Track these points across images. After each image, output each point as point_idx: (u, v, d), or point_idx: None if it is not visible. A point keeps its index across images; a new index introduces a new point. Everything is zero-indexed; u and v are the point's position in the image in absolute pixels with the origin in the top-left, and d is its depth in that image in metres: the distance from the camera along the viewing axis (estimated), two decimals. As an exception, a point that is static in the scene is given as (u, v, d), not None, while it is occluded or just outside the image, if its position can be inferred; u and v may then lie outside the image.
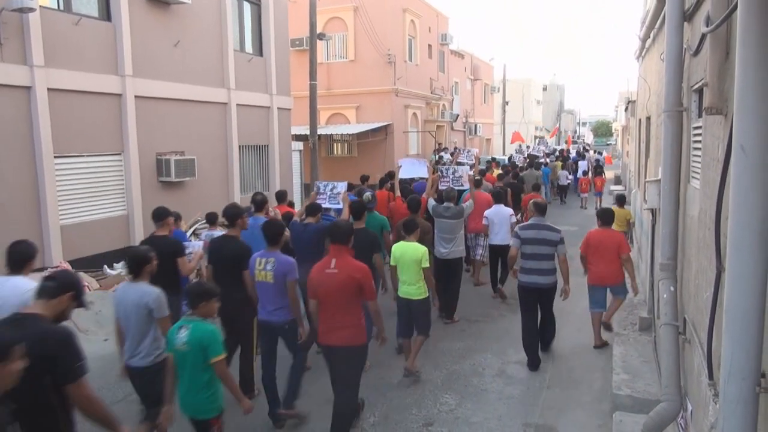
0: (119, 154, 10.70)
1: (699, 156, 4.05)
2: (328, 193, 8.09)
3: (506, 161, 21.77)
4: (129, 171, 10.76)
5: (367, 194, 8.62)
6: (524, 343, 6.72)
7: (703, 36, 3.42)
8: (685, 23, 4.33)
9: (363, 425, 5.30)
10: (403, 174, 12.05)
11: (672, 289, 4.36)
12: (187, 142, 12.18)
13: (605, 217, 7.22)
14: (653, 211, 6.36)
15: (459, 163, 13.00)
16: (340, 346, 4.70)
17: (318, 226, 6.64)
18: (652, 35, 8.01)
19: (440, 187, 9.52)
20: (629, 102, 19.99)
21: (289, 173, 16.26)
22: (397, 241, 6.66)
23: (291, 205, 10.01)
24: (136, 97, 10.78)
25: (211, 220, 8.19)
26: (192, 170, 11.85)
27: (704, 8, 3.48)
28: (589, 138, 39.41)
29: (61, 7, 9.67)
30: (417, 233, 6.33)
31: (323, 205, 7.59)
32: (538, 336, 6.77)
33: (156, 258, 4.55)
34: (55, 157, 9.30)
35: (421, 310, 6.27)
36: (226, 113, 13.50)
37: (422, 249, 6.16)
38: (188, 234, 11.19)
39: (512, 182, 12.06)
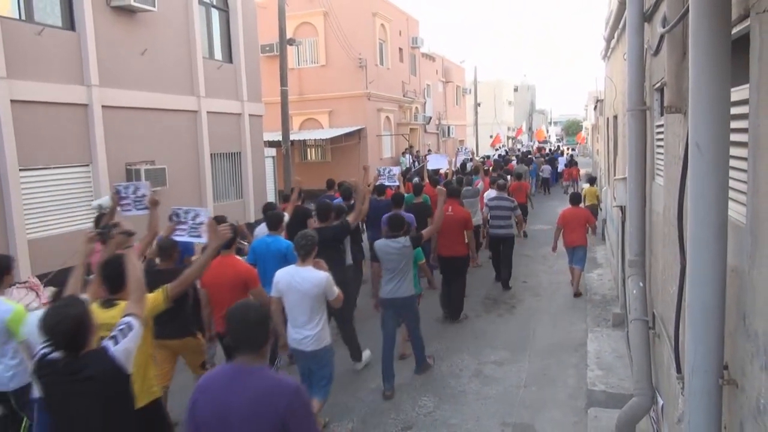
0: (87, 165, 10.51)
1: (662, 154, 4.13)
2: (387, 174, 10.50)
3: (498, 157, 24.88)
4: (98, 182, 10.55)
5: (416, 179, 10.96)
6: (493, 264, 10.21)
7: (662, 36, 3.48)
8: (646, 24, 4.40)
9: (340, 430, 5.29)
10: (430, 166, 15.04)
11: (641, 284, 4.42)
12: (158, 151, 12.01)
13: (574, 199, 9.96)
14: (622, 209, 6.47)
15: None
16: (454, 256, 8.02)
17: (387, 201, 8.99)
18: (616, 35, 8.15)
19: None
20: (598, 101, 20.33)
21: (262, 180, 16.12)
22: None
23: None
24: (103, 106, 10.58)
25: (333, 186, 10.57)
26: (163, 179, 11.68)
27: (662, 9, 3.55)
28: (553, 138, 42.34)
29: (23, 17, 9.46)
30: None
31: (384, 184, 10.17)
32: (499, 267, 10.04)
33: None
34: (20, 169, 9.09)
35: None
36: (196, 121, 13.35)
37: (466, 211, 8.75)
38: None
39: (500, 173, 14.55)
